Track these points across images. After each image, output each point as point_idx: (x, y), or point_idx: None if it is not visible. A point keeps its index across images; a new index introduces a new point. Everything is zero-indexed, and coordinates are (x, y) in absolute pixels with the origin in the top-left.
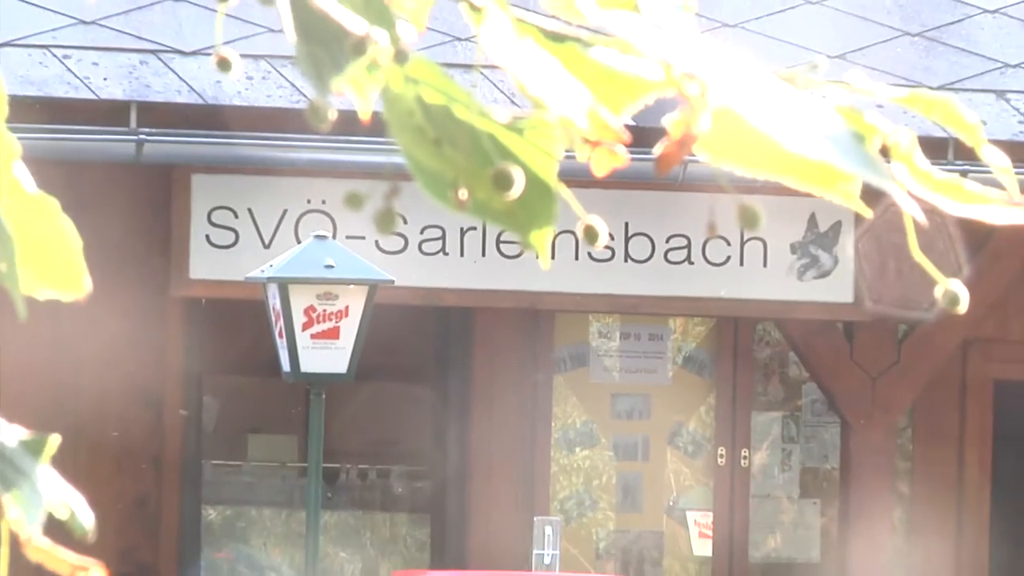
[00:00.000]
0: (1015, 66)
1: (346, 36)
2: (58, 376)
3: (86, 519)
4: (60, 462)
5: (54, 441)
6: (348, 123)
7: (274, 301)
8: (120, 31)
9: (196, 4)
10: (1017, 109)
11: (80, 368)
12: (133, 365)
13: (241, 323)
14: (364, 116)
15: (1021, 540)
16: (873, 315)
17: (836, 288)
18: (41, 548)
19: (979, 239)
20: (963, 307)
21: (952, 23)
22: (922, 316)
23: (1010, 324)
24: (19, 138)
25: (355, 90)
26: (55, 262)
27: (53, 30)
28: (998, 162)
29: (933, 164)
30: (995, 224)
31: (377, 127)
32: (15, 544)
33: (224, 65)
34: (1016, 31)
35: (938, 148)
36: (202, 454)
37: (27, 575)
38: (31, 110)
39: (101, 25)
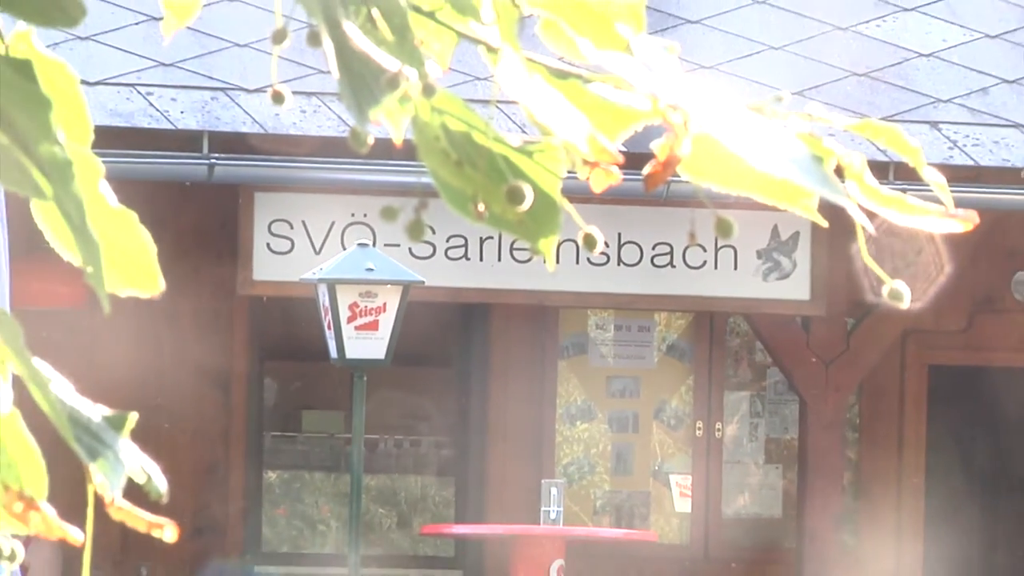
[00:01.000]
0: (945, 101)
1: (382, 73)
2: (143, 363)
3: (161, 484)
4: (144, 435)
5: (133, 417)
6: (384, 148)
7: (324, 299)
8: (194, 72)
9: (258, 49)
10: (947, 137)
11: (161, 356)
12: (206, 353)
13: (296, 317)
14: (397, 141)
15: (950, 497)
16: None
17: (795, 288)
18: (122, 509)
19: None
20: (907, 303)
21: (892, 65)
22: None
23: (943, 318)
24: (108, 163)
25: (389, 119)
26: (134, 265)
27: (138, 71)
28: (936, 180)
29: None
30: (932, 232)
31: (408, 151)
32: (100, 505)
33: (278, 98)
34: (946, 71)
35: (880, 170)
36: (263, 427)
37: (112, 531)
38: (119, 139)
39: (178, 67)
